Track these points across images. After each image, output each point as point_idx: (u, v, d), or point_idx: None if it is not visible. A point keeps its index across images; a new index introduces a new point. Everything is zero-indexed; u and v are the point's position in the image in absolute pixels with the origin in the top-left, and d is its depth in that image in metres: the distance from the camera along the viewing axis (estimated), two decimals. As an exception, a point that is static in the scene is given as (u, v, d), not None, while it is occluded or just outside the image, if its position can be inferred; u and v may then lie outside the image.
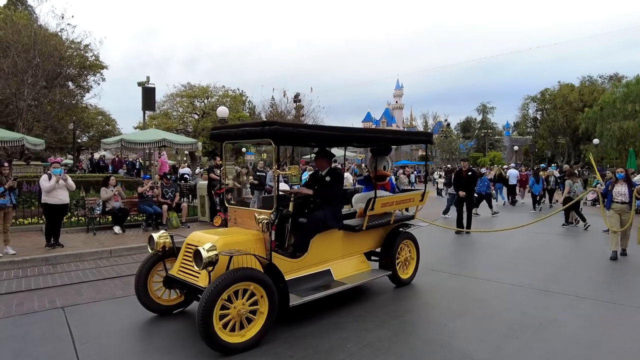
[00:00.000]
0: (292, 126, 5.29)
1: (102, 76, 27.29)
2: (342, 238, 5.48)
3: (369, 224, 5.67)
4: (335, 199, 5.41)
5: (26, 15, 22.69)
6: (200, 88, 37.40)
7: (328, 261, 5.27)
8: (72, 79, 24.86)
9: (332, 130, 5.45)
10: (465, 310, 5.25)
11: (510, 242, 9.68)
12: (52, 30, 20.76)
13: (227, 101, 37.30)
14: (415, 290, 6.14)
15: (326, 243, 5.26)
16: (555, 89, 51.02)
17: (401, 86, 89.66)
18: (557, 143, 52.01)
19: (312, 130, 5.79)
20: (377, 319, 4.95)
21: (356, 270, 5.57)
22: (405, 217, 6.65)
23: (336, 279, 5.21)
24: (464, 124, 73.82)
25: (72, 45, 23.20)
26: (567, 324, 4.84)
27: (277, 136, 4.49)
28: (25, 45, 17.09)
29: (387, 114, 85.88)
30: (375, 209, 5.63)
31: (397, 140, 7.38)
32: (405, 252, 6.30)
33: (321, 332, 4.52)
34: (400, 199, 6.25)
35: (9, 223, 8.31)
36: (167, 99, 37.11)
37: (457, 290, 6.11)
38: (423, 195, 6.59)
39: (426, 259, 7.21)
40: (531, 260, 7.97)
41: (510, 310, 5.28)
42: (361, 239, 5.77)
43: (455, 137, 62.98)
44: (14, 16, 20.29)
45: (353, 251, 5.67)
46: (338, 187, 5.50)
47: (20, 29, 18.26)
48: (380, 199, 5.79)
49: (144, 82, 16.05)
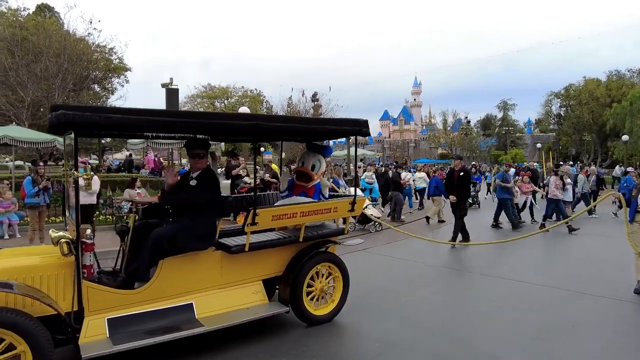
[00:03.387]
0: (91, 110, 3.58)
1: (126, 78, 28.08)
2: (221, 261, 4.27)
3: (259, 242, 4.45)
4: (197, 209, 4.18)
5: (55, 22, 23.53)
6: (220, 89, 38.04)
7: (192, 292, 4.08)
8: (98, 81, 25.64)
9: (165, 115, 3.95)
10: (491, 312, 5.25)
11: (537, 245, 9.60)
12: (80, 35, 21.47)
13: (246, 101, 37.80)
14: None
15: (189, 268, 4.08)
16: (580, 85, 49.78)
17: (419, 83, 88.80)
18: (582, 140, 50.76)
19: (127, 116, 3.65)
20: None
21: (241, 304, 4.28)
22: (328, 233, 5.04)
23: (199, 317, 3.98)
24: (484, 122, 72.73)
25: (98, 49, 23.96)
26: (604, 326, 4.73)
27: (66, 125, 3.42)
28: (56, 51, 17.76)
29: (405, 112, 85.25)
30: (261, 223, 4.26)
31: (296, 132, 5.09)
32: (322, 281, 4.83)
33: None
34: (309, 209, 4.68)
35: (43, 221, 8.73)
36: (188, 100, 37.86)
37: (482, 290, 6.13)
38: (353, 204, 5.00)
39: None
40: (561, 260, 7.90)
41: (540, 311, 5.22)
42: (253, 262, 4.44)
43: (475, 134, 62.17)
44: (45, 23, 21.09)
45: (240, 279, 4.39)
46: (203, 193, 4.25)
47: (51, 34, 18.97)
48: (269, 209, 4.45)
49: (167, 83, 16.46)
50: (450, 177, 9.90)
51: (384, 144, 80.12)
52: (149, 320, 3.78)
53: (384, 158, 63.86)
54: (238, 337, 4.38)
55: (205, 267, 4.19)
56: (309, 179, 5.17)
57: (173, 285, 3.99)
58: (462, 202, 9.37)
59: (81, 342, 3.42)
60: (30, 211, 8.66)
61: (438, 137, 61.71)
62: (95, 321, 3.56)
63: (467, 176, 9.60)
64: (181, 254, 4.02)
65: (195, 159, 4.40)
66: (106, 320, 3.60)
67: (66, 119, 3.30)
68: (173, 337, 3.67)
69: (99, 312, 3.61)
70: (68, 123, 3.36)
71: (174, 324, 3.82)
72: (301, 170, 5.24)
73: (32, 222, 8.65)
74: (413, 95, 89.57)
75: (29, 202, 8.51)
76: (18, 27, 19.48)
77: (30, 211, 8.71)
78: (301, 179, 5.22)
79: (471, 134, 61.35)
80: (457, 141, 56.34)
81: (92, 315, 3.57)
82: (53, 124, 3.45)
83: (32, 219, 8.62)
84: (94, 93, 25.69)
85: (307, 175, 5.17)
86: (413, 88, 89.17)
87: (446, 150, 60.24)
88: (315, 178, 5.18)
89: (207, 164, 4.50)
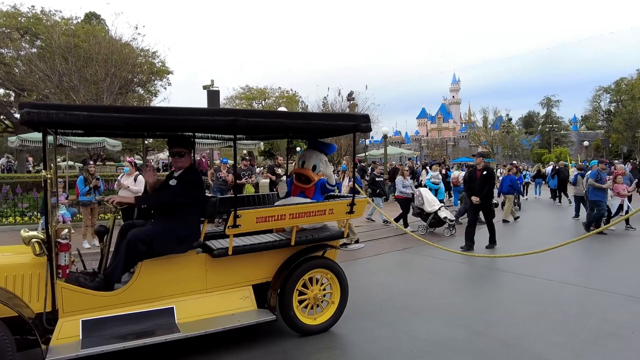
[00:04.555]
0: (57, 108, 3.40)
1: (168, 81, 29.08)
2: (206, 265, 4.10)
3: (244, 245, 4.23)
4: (175, 210, 4.03)
5: (102, 29, 24.74)
6: (258, 90, 38.69)
7: (173, 296, 3.93)
8: (142, 84, 26.71)
9: (133, 112, 3.83)
10: (538, 314, 5.10)
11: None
12: (125, 40, 22.44)
13: (283, 102, 38.28)
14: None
15: (171, 271, 3.94)
16: (633, 78, 47.00)
17: (458, 80, 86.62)
18: (635, 137, 47.92)
19: (94, 113, 3.52)
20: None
21: (226, 310, 4.06)
22: (323, 237, 4.67)
23: (179, 322, 3.81)
24: (527, 119, 70.12)
25: (142, 53, 24.96)
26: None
27: (32, 123, 3.34)
28: (104, 56, 18.68)
29: (443, 110, 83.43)
30: (244, 225, 4.03)
31: (281, 128, 4.82)
32: (317, 288, 4.55)
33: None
34: (299, 211, 4.35)
35: (95, 218, 9.25)
36: (227, 102, 38.75)
37: (527, 292, 5.96)
38: (351, 206, 4.62)
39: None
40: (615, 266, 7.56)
41: (591, 315, 5.01)
42: (241, 266, 4.24)
43: (517, 132, 60.01)
44: (93, 30, 22.24)
45: (227, 283, 4.19)
46: (180, 193, 4.06)
47: (100, 41, 19.96)
48: (253, 211, 4.17)
49: (208, 85, 16.98)
50: (472, 176, 9.06)
51: (421, 142, 78.78)
52: (125, 323, 3.64)
53: (422, 157, 62.85)
54: (231, 343, 4.23)
55: (189, 271, 4.02)
56: (308, 181, 4.94)
57: (153, 288, 3.84)
58: (487, 203, 8.78)
59: (52, 344, 3.33)
60: (83, 208, 9.17)
61: (478, 135, 59.99)
62: (70, 323, 3.47)
63: (491, 175, 8.92)
64: (160, 256, 3.87)
65: (174, 158, 4.22)
66: (81, 322, 3.49)
67: (30, 118, 3.22)
68: (144, 343, 3.50)
69: (73, 314, 3.51)
70: (33, 121, 3.28)
71: (151, 329, 3.66)
72: (301, 172, 4.97)
73: (84, 218, 9.16)
74: (451, 92, 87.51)
75: (82, 199, 9.02)
76: (71, 35, 20.63)
77: (83, 208, 9.23)
78: (300, 179, 4.97)
79: (513, 132, 59.27)
80: (498, 139, 54.52)
81: (67, 316, 3.49)
82: (23, 121, 3.34)
83: (85, 215, 9.13)
84: (138, 96, 26.78)
85: (307, 177, 4.95)
86: (451, 85, 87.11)
87: (487, 149, 58.51)
88: (315, 179, 4.95)
89: (190, 163, 4.30)
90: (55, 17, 25.96)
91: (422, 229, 10.72)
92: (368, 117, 4.73)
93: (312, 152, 5.09)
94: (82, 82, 18.10)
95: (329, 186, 5.05)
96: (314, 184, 4.93)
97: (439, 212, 10.45)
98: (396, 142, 71.41)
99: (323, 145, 5.23)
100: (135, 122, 3.69)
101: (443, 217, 10.34)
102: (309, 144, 5.31)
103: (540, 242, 9.22)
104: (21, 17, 25.10)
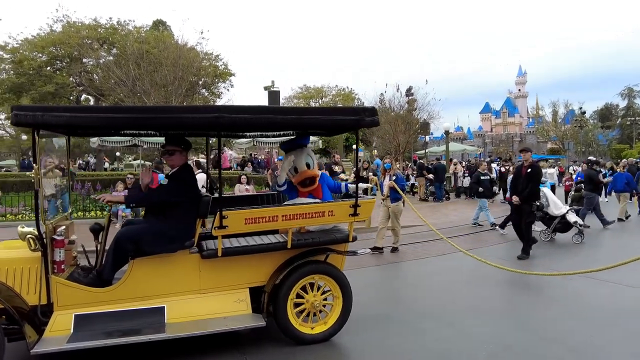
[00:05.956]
0: (42, 110, 3.51)
1: (231, 83, 30.23)
2: (199, 266, 4.01)
3: (235, 247, 4.10)
4: (165, 209, 4.00)
5: (169, 35, 26.26)
6: (315, 89, 39.06)
7: (165, 295, 3.89)
8: (206, 87, 28.01)
9: (110, 112, 3.86)
10: (610, 321, 4.76)
11: None
12: (190, 45, 23.65)
13: (339, 99, 38.34)
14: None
15: (163, 270, 3.90)
16: None
17: (524, 73, 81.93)
18: None
19: (76, 114, 3.65)
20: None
21: (218, 312, 3.96)
22: (324, 241, 4.34)
23: (169, 321, 3.78)
24: (603, 112, 64.67)
25: (206, 56, 26.17)
26: None
27: (20, 125, 3.51)
28: (172, 61, 19.85)
29: (508, 104, 79.35)
30: (231, 226, 3.88)
31: (270, 125, 4.28)
32: (314, 295, 4.23)
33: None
34: (293, 212, 4.10)
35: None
36: (286, 101, 39.49)
37: (595, 297, 5.53)
38: (355, 207, 4.26)
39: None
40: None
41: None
42: (236, 268, 4.11)
43: (592, 126, 55.50)
44: (162, 36, 23.70)
45: (222, 285, 4.08)
46: (168, 192, 4.02)
47: (168, 46, 21.23)
48: (241, 212, 3.96)
49: (269, 86, 17.45)
50: (518, 174, 8.12)
51: (485, 138, 75.57)
52: (116, 320, 3.68)
53: (485, 154, 60.14)
54: (227, 346, 4.12)
55: (182, 270, 3.96)
56: (314, 181, 4.60)
57: (145, 287, 3.83)
58: (527, 205, 7.76)
59: (45, 335, 3.49)
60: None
61: (547, 130, 56.26)
62: (63, 316, 3.59)
63: (536, 173, 7.87)
64: (148, 255, 3.84)
65: (165, 156, 4.21)
66: (73, 316, 3.59)
67: (18, 120, 3.35)
68: (126, 342, 3.52)
69: (68, 308, 3.63)
70: (21, 123, 3.40)
71: (138, 327, 3.67)
72: (302, 178, 4.56)
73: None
74: (517, 85, 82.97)
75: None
76: (142, 42, 22.11)
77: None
78: (306, 184, 4.59)
79: (587, 126, 54.89)
80: (570, 134, 50.81)
81: (61, 310, 3.62)
82: (12, 123, 3.54)
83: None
84: (203, 98, 28.08)
85: (311, 178, 4.58)
86: (517, 78, 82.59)
87: (557, 145, 54.77)
88: (318, 174, 4.67)
89: (183, 162, 4.16)
90: (128, 26, 27.98)
91: (545, 234, 9.50)
92: (374, 110, 4.26)
93: (293, 153, 4.68)
94: (153, 86, 19.35)
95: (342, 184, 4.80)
96: (319, 181, 4.67)
97: (567, 215, 9.24)
98: (458, 138, 68.90)
99: (298, 139, 4.85)
100: (117, 122, 3.71)
101: (573, 221, 9.12)
102: (282, 146, 5.01)
103: (619, 247, 8.50)
104: (100, 29, 27.31)
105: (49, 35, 26.54)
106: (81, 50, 24.82)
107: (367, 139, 41.83)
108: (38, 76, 25.96)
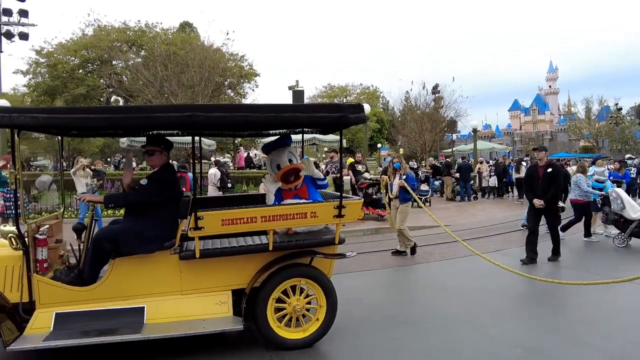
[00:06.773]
0: (19, 112, 3.64)
1: (256, 83, 30.52)
2: (180, 267, 3.97)
3: (214, 249, 4.04)
4: (143, 209, 3.99)
5: (195, 37, 26.69)
6: (339, 88, 38.97)
7: (145, 296, 3.87)
8: (232, 87, 28.36)
9: (83, 112, 3.84)
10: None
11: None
12: (216, 46, 23.97)
13: (363, 98, 38.13)
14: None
15: (143, 270, 3.89)
16: None
17: (555, 68, 79.61)
18: None
19: (51, 115, 3.71)
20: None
21: (198, 314, 3.92)
22: (309, 243, 4.17)
23: (148, 322, 3.76)
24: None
25: (231, 57, 26.48)
26: None
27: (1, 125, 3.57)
28: (199, 62, 20.16)
29: (538, 101, 77.13)
30: (207, 228, 3.81)
31: (244, 124, 4.32)
32: (297, 299, 4.09)
33: None
34: (273, 213, 3.99)
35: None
36: (310, 100, 39.56)
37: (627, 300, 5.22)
38: (339, 209, 4.09)
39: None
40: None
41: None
42: (218, 269, 4.04)
43: (628, 123, 53.19)
44: (188, 38, 24.12)
45: (203, 287, 4.03)
46: (145, 192, 3.99)
47: (194, 48, 21.58)
48: (217, 212, 3.89)
49: (293, 86, 17.48)
50: (532, 174, 7.50)
51: (514, 136, 73.83)
52: (95, 319, 3.70)
53: (515, 152, 58.61)
54: (207, 348, 4.06)
55: (162, 271, 3.93)
56: (297, 176, 4.30)
57: (125, 286, 3.84)
58: (553, 206, 7.27)
59: (26, 332, 3.55)
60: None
61: (580, 128, 54.34)
62: (44, 314, 3.64)
63: (558, 173, 7.33)
64: (127, 255, 3.84)
65: (145, 156, 4.20)
66: (54, 315, 3.63)
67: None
68: (102, 341, 3.53)
69: (49, 306, 3.67)
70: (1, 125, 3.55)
71: (116, 327, 3.68)
72: (285, 172, 4.27)
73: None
74: (548, 81, 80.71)
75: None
76: (169, 44, 22.56)
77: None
78: (289, 180, 4.30)
79: (623, 123, 52.66)
80: (605, 132, 48.90)
81: (43, 308, 3.67)
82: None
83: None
84: (229, 98, 28.43)
85: (295, 170, 4.28)
86: (547, 74, 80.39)
87: (590, 143, 52.89)
88: (302, 167, 4.37)
89: (163, 161, 4.13)
90: (156, 28, 28.61)
91: (620, 239, 8.80)
92: (360, 106, 4.06)
93: (275, 154, 4.50)
94: (180, 86, 19.70)
95: (319, 182, 4.59)
96: (302, 180, 4.38)
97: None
98: (486, 136, 67.40)
99: (281, 140, 4.66)
100: (91, 123, 3.71)
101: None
102: (264, 149, 4.88)
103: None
104: (129, 31, 28.05)
105: (81, 39, 27.47)
106: (111, 53, 25.58)
107: (393, 137, 41.54)
108: (71, 79, 26.93)
